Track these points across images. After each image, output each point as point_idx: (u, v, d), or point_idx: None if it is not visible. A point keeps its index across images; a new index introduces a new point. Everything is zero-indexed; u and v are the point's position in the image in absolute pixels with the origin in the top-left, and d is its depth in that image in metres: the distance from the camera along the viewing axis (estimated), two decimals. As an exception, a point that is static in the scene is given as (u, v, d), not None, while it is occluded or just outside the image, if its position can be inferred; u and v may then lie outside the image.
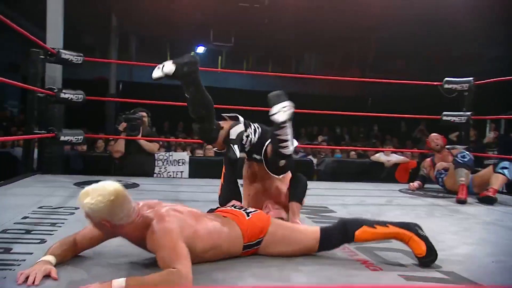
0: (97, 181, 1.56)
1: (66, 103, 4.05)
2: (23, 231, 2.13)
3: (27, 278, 1.47)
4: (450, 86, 4.58)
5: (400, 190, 4.28)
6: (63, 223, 2.31)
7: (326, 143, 8.83)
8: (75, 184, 3.65)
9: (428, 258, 1.84)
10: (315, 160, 6.30)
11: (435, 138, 4.30)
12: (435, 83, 4.70)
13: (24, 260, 1.71)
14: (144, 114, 4.13)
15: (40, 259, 1.59)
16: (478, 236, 2.51)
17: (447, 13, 7.76)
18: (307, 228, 1.93)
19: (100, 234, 1.67)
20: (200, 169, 5.08)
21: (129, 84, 12.20)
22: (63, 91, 3.99)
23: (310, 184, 2.56)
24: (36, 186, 3.53)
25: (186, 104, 2.28)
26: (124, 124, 3.99)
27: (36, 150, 4.33)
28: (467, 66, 7.89)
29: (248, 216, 1.84)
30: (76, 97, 4.00)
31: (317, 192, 3.66)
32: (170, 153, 5.50)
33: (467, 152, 3.84)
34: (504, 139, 6.78)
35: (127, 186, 3.53)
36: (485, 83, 4.60)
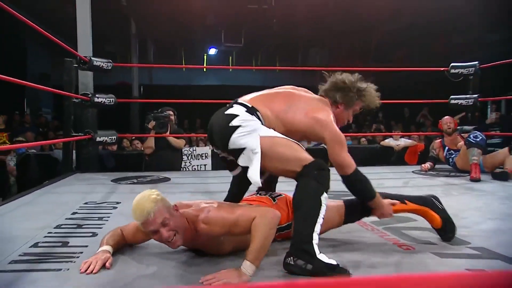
0: (131, 177, 1.60)
1: (100, 107, 4.07)
2: (75, 226, 2.14)
3: (89, 266, 1.48)
4: (456, 71, 4.48)
5: (413, 172, 4.21)
6: (109, 217, 2.32)
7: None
8: (112, 180, 3.68)
9: (444, 230, 1.80)
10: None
11: (448, 121, 4.19)
12: (442, 68, 4.60)
13: (82, 252, 1.71)
14: (171, 112, 4.10)
15: (99, 250, 1.58)
16: (500, 211, 2.45)
17: (446, 2, 7.61)
18: (332, 205, 1.80)
19: (143, 234, 1.63)
20: (221, 162, 5.08)
21: (149, 86, 12.29)
22: (96, 95, 4.01)
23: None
24: (78, 184, 3.55)
25: (202, 101, 2.13)
26: (153, 123, 3.97)
27: (74, 152, 4.36)
28: (468, 53, 7.73)
29: (274, 201, 1.77)
30: (108, 100, 4.03)
31: (336, 177, 3.63)
32: (194, 148, 5.53)
33: (480, 133, 3.75)
34: (506, 118, 6.67)
35: (159, 180, 3.59)
36: (489, 67, 4.49)
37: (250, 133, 1.52)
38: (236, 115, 1.57)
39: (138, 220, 1.44)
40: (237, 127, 1.54)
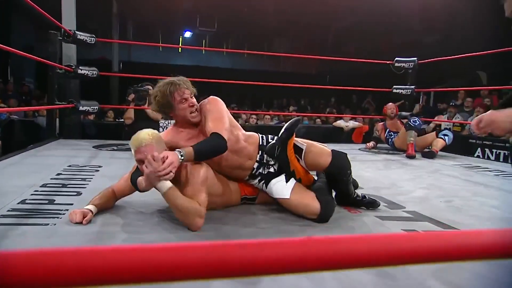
0: (112, 145, 1.59)
1: (83, 78, 3.84)
2: (60, 185, 2.06)
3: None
4: (399, 64, 4.59)
5: (359, 149, 4.34)
6: (92, 178, 2.26)
7: (296, 111, 8.80)
8: (94, 147, 3.57)
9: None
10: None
11: (391, 107, 4.31)
12: (388, 61, 4.70)
13: (67, 210, 1.65)
14: (150, 87, 3.79)
15: (84, 208, 1.54)
16: (427, 182, 2.58)
17: (392, 6, 7.71)
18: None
19: (130, 187, 1.61)
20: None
21: (128, 63, 11.72)
22: (80, 67, 3.77)
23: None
24: (62, 149, 3.39)
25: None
26: (132, 95, 3.78)
27: (57, 119, 4.13)
28: (407, 51, 7.96)
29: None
30: (91, 73, 3.81)
31: None
32: (169, 121, 5.35)
33: (417, 118, 3.90)
34: (427, 109, 7.05)
35: None
36: (426, 63, 4.64)
37: None
38: None
39: (132, 147, 1.45)
40: None
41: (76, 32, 3.72)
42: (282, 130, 1.68)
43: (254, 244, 0.38)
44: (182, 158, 1.43)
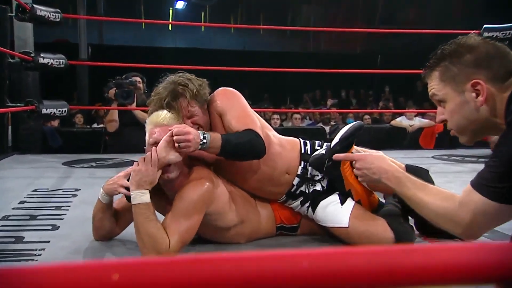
0: (88, 160, 1.68)
1: (46, 70, 3.83)
2: (27, 217, 2.10)
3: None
4: (490, 34, 4.51)
5: (433, 157, 4.29)
6: (69, 206, 2.30)
7: (336, 107, 8.78)
8: (65, 163, 3.59)
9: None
10: (327, 128, 6.25)
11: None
12: (467, 30, 4.64)
13: (43, 249, 1.67)
14: (138, 79, 3.90)
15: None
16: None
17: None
18: None
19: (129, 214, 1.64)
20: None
21: (99, 47, 11.92)
22: (41, 55, 3.76)
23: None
24: (21, 168, 3.45)
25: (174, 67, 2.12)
26: (113, 91, 3.75)
27: (9, 127, 4.20)
28: (495, 15, 7.85)
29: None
30: (57, 62, 3.78)
31: None
32: None
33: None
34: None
35: (123, 164, 3.52)
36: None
37: None
38: None
39: (150, 122, 1.62)
40: None
41: (35, 6, 3.74)
42: (337, 139, 1.70)
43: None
44: (205, 143, 1.49)
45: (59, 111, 3.87)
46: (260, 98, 10.59)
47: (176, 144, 1.48)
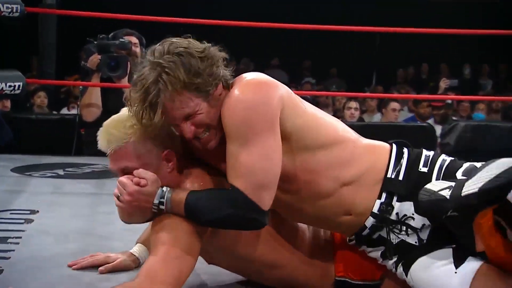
0: (52, 165, 2.28)
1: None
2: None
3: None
4: None
5: None
6: (20, 237, 1.96)
7: (455, 92, 6.32)
8: (15, 170, 3.18)
9: None
10: (438, 128, 4.75)
11: None
12: None
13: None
14: (134, 39, 3.38)
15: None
16: None
17: None
18: None
19: None
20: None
21: None
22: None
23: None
24: None
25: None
26: (97, 57, 3.20)
27: None
28: None
29: None
30: (8, 8, 3.17)
31: None
32: None
33: None
34: None
35: (106, 172, 2.97)
36: None
37: None
38: None
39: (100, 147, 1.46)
40: None
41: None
42: (475, 186, 1.28)
43: None
44: (161, 201, 1.36)
45: (9, 86, 3.30)
46: (324, 74, 8.76)
47: (114, 198, 1.40)
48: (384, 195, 1.42)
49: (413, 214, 1.41)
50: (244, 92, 1.34)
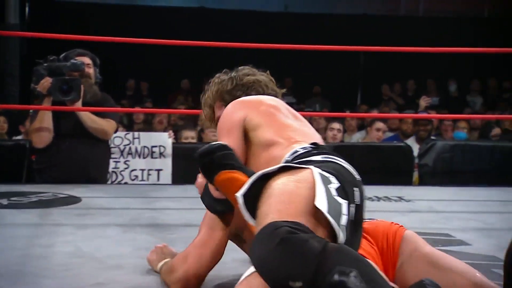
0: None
1: None
2: None
3: None
4: None
5: None
6: None
7: (436, 111, 6.23)
8: None
9: None
10: (416, 147, 4.64)
11: None
12: None
13: None
14: (87, 60, 3.31)
15: None
16: None
17: None
18: None
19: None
20: (191, 167, 3.91)
21: (44, 4, 9.18)
22: None
23: (411, 191, 2.70)
24: None
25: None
26: (48, 81, 3.11)
27: None
28: None
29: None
30: None
31: (430, 206, 3.14)
32: (136, 134, 4.43)
33: None
34: None
35: (57, 201, 3.03)
36: None
37: None
38: None
39: None
40: None
41: None
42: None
43: None
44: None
45: None
46: (306, 92, 8.49)
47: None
48: None
49: None
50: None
